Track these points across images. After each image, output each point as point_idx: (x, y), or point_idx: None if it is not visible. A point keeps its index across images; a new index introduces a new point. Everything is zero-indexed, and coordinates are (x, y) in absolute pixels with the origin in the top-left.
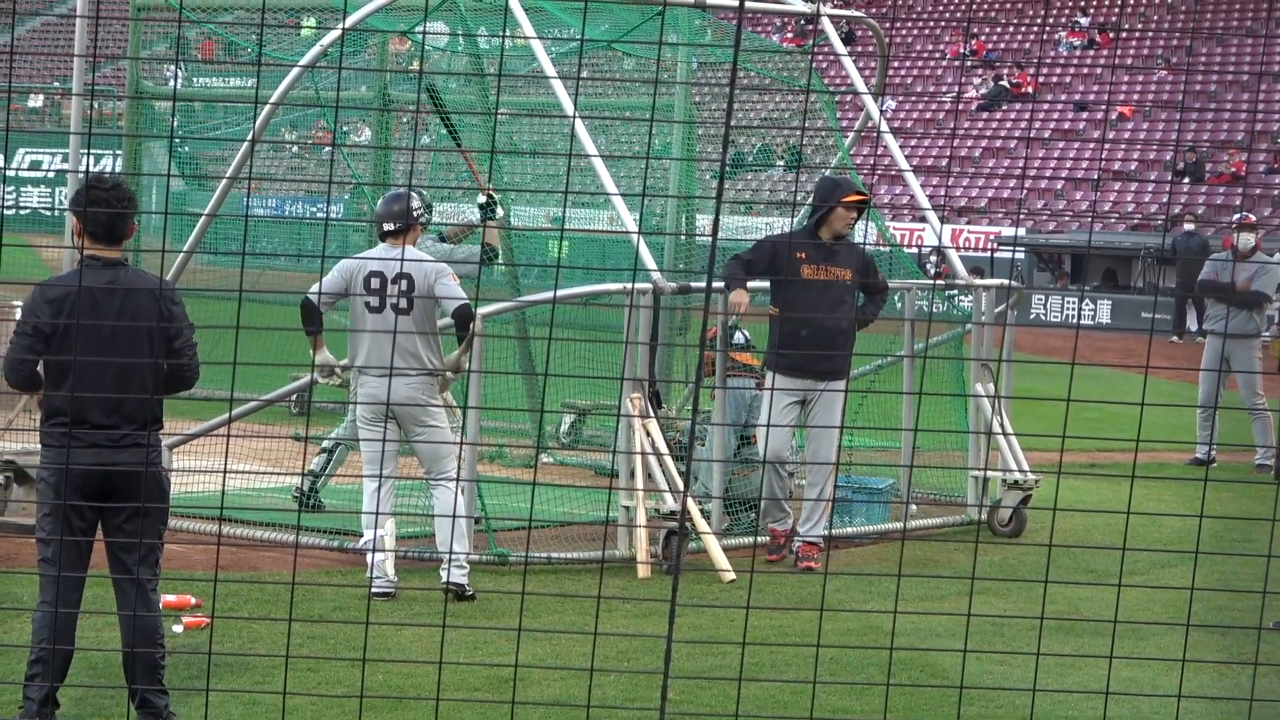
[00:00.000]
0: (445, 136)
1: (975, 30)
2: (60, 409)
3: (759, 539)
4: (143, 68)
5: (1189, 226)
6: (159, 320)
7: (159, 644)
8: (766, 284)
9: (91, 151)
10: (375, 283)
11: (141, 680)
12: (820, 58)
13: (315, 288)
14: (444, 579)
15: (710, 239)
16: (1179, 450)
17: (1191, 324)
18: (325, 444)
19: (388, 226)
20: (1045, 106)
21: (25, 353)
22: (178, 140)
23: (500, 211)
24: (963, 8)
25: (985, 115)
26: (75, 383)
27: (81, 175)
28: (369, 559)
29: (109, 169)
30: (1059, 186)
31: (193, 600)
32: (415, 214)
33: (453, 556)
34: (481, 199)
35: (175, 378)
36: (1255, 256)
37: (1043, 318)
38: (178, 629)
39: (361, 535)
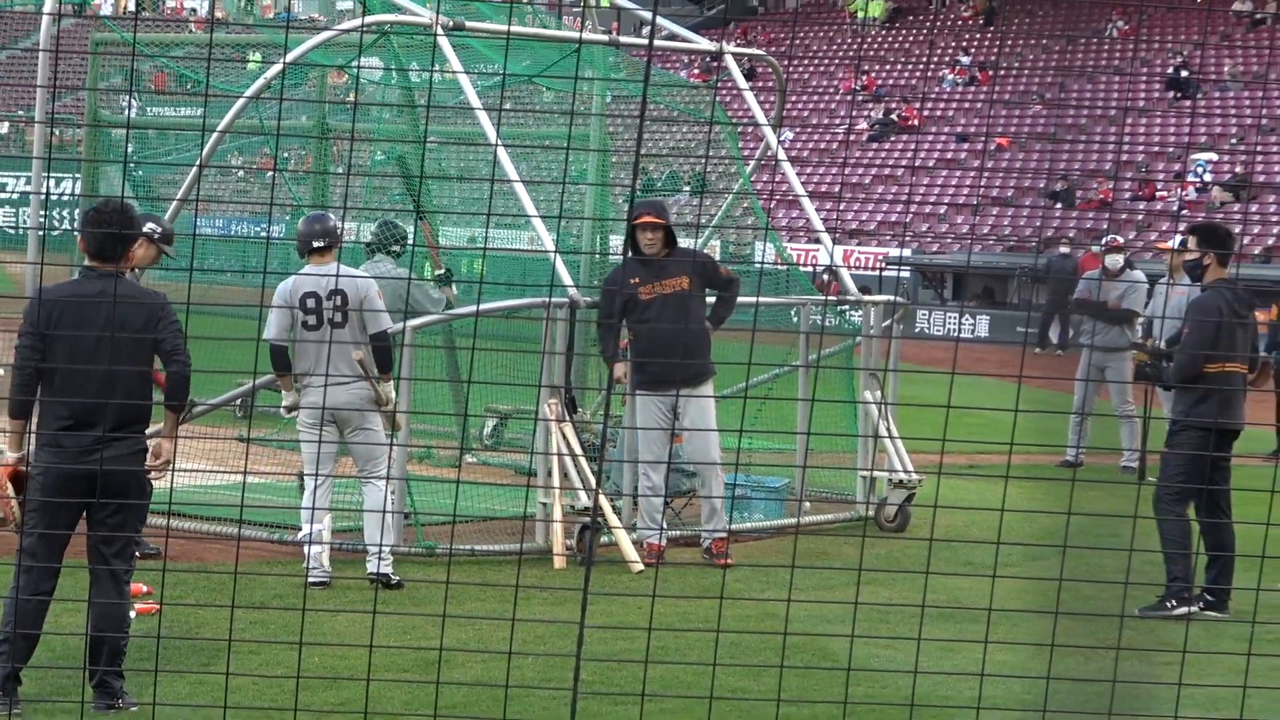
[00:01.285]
0: (380, 162)
1: (866, 68)
2: (49, 411)
3: (663, 536)
4: (100, 98)
5: (1064, 250)
6: (147, 328)
7: (125, 631)
8: None
9: (52, 175)
10: (310, 302)
11: (105, 663)
12: (724, 92)
13: (269, 332)
14: (370, 569)
15: (622, 258)
16: (1050, 453)
17: (1054, 337)
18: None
19: (316, 244)
20: (930, 138)
21: (30, 354)
22: (132, 165)
23: (454, 290)
24: (855, 47)
25: (875, 145)
26: (64, 387)
27: (42, 196)
28: (306, 551)
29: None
30: (942, 211)
31: (144, 588)
32: (337, 231)
33: (378, 548)
34: (440, 272)
35: (174, 383)
36: (1123, 275)
37: (926, 331)
38: (130, 614)
39: (300, 529)
